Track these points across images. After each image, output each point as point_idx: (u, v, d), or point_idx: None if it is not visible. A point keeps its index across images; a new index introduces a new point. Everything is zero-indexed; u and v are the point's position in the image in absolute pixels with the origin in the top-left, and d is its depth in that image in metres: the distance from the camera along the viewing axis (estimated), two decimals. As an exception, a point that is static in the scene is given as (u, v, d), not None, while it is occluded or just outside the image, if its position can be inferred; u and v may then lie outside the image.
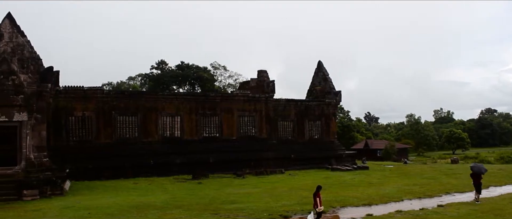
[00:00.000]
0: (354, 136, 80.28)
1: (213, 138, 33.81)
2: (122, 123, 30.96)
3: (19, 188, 20.87)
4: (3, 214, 16.94)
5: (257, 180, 28.62)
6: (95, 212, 16.81)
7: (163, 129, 32.22)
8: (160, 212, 16.79)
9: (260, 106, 35.88)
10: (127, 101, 31.35)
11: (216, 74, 74.76)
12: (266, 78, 36.94)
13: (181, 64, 69.67)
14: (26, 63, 23.62)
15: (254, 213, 16.43)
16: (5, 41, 23.59)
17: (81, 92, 29.94)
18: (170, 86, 67.03)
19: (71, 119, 29.54)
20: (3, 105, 22.19)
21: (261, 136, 35.86)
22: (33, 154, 22.76)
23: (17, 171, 22.04)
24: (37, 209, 17.97)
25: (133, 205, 18.38)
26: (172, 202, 19.28)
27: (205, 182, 27.07)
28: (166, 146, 31.79)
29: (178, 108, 32.75)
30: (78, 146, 29.46)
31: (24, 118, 22.56)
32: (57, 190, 21.93)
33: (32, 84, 23.26)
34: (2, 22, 23.88)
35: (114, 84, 77.41)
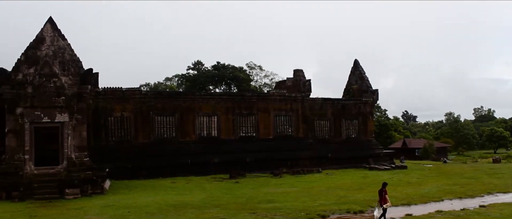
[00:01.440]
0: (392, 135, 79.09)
1: (250, 138, 33.89)
2: (160, 123, 31.36)
3: (62, 187, 21.39)
4: (46, 212, 17.40)
5: (294, 179, 28.53)
6: (135, 211, 17.08)
7: (200, 128, 32.48)
8: (198, 211, 16.93)
9: (296, 106, 35.77)
10: (164, 101, 31.74)
11: (252, 74, 74.86)
12: (302, 77, 36.79)
13: (217, 64, 70.03)
14: (67, 66, 24.23)
15: (291, 213, 16.37)
16: (47, 44, 24.28)
17: (119, 94, 30.49)
18: (206, 86, 67.45)
19: (110, 119, 30.11)
20: (45, 106, 22.81)
21: (298, 135, 35.74)
22: (74, 153, 23.29)
23: (60, 170, 22.60)
24: (79, 207, 18.37)
25: (171, 204, 18.59)
26: (210, 201, 19.42)
27: (242, 181, 27.16)
28: (203, 145, 32.03)
29: (214, 108, 32.97)
30: (117, 146, 29.99)
31: (65, 119, 23.10)
32: (98, 189, 22.37)
33: (73, 86, 23.81)
34: (44, 27, 24.57)
35: (151, 85, 78.43)
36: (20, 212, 17.52)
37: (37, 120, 22.71)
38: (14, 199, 20.43)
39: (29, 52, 24.07)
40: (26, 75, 23.43)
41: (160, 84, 78.88)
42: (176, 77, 77.50)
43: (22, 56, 24.03)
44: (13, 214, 17.22)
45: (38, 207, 18.64)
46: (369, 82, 41.58)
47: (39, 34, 24.51)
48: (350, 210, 17.07)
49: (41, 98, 22.72)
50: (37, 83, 22.85)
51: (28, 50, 24.16)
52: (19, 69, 23.70)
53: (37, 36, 24.48)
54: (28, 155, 22.40)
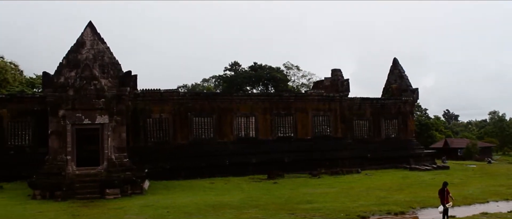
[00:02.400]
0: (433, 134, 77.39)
1: (288, 138, 33.75)
2: (198, 124, 31.56)
3: (102, 187, 21.78)
4: (88, 211, 17.73)
5: (332, 179, 28.24)
6: (174, 211, 17.20)
7: (238, 129, 32.55)
8: (237, 211, 16.92)
9: (334, 106, 35.42)
10: (202, 103, 31.94)
11: (289, 74, 74.64)
12: (340, 77, 36.41)
13: (254, 65, 70.10)
14: (107, 69, 24.70)
15: (330, 213, 16.17)
16: (87, 48, 24.85)
17: (158, 95, 30.86)
18: (243, 87, 67.61)
19: (149, 120, 30.50)
20: (86, 109, 23.30)
21: (336, 135, 35.39)
22: (114, 154, 23.68)
23: (100, 170, 23.01)
24: (119, 207, 18.64)
25: (210, 204, 18.65)
26: (248, 201, 19.39)
27: (281, 182, 27.03)
28: (241, 146, 32.08)
29: (252, 108, 32.97)
30: (156, 146, 30.35)
31: (105, 120, 23.52)
32: (137, 189, 22.68)
33: (112, 88, 24.25)
34: (84, 31, 25.14)
35: (189, 86, 79.18)
36: (63, 211, 17.92)
37: (78, 121, 23.21)
38: (57, 198, 20.94)
39: (70, 56, 24.67)
40: (67, 79, 24.01)
41: (197, 85, 79.57)
42: (213, 78, 78.02)
43: (64, 60, 24.66)
44: (57, 213, 17.64)
45: (80, 207, 19.04)
46: (409, 81, 40.81)
47: (79, 38, 25.10)
48: (390, 211, 16.73)
49: (82, 101, 23.21)
50: (78, 86, 23.34)
51: (69, 54, 24.76)
52: (61, 73, 24.31)
53: (78, 40, 25.06)
54: (70, 156, 22.92)
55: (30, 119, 28.85)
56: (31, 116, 28.82)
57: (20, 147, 28.70)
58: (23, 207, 19.29)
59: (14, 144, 28.70)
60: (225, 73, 72.97)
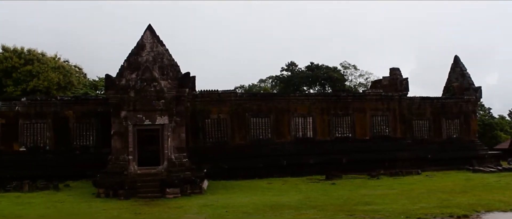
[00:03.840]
0: (497, 134, 74.24)
1: (346, 138, 33.34)
2: (255, 124, 31.72)
3: (162, 186, 22.27)
4: (149, 210, 18.19)
5: (392, 181, 27.66)
6: (232, 210, 17.34)
7: (296, 129, 32.46)
8: (295, 212, 16.86)
9: (393, 105, 34.70)
10: (259, 103, 32.08)
11: (346, 73, 73.73)
12: (399, 76, 35.62)
13: (310, 65, 69.69)
14: (166, 70, 25.25)
15: (390, 215, 15.80)
16: (147, 51, 25.49)
17: (216, 96, 31.25)
18: (300, 87, 67.37)
19: (207, 121, 30.93)
20: (147, 110, 23.93)
21: (395, 135, 34.64)
22: (174, 154, 24.17)
23: (160, 170, 23.55)
24: (179, 206, 18.99)
25: (268, 204, 18.68)
26: (306, 202, 19.28)
27: (339, 183, 26.74)
28: (299, 146, 31.98)
29: (309, 109, 32.80)
30: (214, 147, 30.74)
31: (165, 121, 24.05)
32: (196, 189, 23.03)
33: (172, 90, 24.77)
34: (144, 34, 25.81)
35: (246, 87, 79.64)
36: (126, 209, 18.46)
37: (140, 122, 23.87)
38: (120, 196, 21.59)
39: (131, 59, 25.38)
40: (128, 81, 24.70)
41: (254, 86, 79.93)
42: (270, 78, 78.13)
43: (125, 63, 25.40)
44: (119, 210, 18.19)
45: (141, 205, 19.56)
46: (471, 79, 39.39)
47: (139, 41, 25.78)
48: (453, 214, 16.10)
49: (142, 102, 23.85)
50: (138, 87, 23.99)
51: (130, 56, 25.49)
52: (122, 75, 25.04)
53: (138, 43, 25.75)
54: (132, 156, 23.60)
55: (94, 120, 29.89)
56: (95, 117, 29.85)
57: (84, 147, 29.79)
58: (88, 204, 20.04)
59: (79, 144, 29.82)
60: (282, 74, 72.95)
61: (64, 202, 20.91)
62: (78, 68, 58.10)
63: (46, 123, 29.62)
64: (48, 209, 19.08)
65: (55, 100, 30.36)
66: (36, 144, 29.44)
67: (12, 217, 17.27)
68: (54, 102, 30.10)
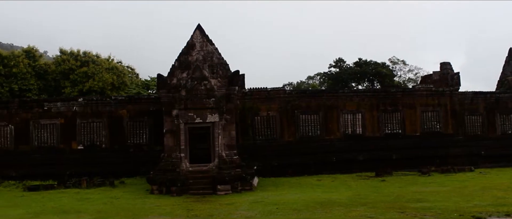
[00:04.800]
0: (557, 130, 71.26)
1: (395, 134, 32.91)
2: (304, 121, 31.79)
3: (214, 183, 22.69)
4: (201, 206, 18.59)
5: (443, 178, 27.11)
6: (283, 207, 17.49)
7: (345, 126, 32.32)
8: (345, 208, 16.85)
9: (444, 101, 33.97)
10: (308, 100, 32.12)
11: (395, 69, 72.38)
12: (450, 70, 34.83)
13: (359, 61, 68.83)
14: (215, 69, 25.69)
15: (443, 213, 15.52)
16: (197, 50, 26.00)
17: (265, 94, 31.51)
18: (348, 84, 66.72)
19: (256, 118, 31.24)
20: (197, 108, 24.40)
21: (447, 131, 33.90)
22: (224, 152, 24.56)
23: (211, 167, 23.99)
24: (230, 203, 19.32)
25: (318, 201, 18.74)
26: (356, 199, 19.23)
27: (389, 180, 26.47)
28: (348, 143, 31.84)
29: (358, 105, 32.59)
30: (264, 144, 31.01)
31: (215, 119, 24.47)
32: (247, 186, 23.35)
33: (221, 88, 25.18)
34: (194, 33, 26.32)
35: (294, 84, 79.54)
36: (178, 206, 18.94)
37: (191, 120, 24.38)
38: (173, 193, 22.16)
39: (182, 58, 25.96)
40: (179, 80, 25.29)
41: (302, 83, 79.70)
42: (318, 75, 77.69)
43: (176, 62, 26.01)
44: (173, 207, 18.69)
45: (193, 202, 20.01)
46: (528, 73, 38.08)
47: (189, 40, 26.33)
48: (509, 213, 15.57)
49: (193, 101, 24.34)
50: (189, 86, 24.49)
51: (181, 56, 26.07)
52: (174, 74, 25.67)
53: (188, 43, 26.30)
54: (184, 153, 24.15)
55: (147, 119, 30.74)
56: (148, 115, 30.69)
57: (138, 145, 30.69)
58: (143, 201, 20.68)
59: (133, 142, 30.75)
60: (330, 70, 72.39)
61: (120, 198, 21.69)
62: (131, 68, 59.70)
63: (102, 122, 30.74)
64: (105, 204, 19.84)
65: (110, 100, 31.45)
66: (93, 142, 30.62)
67: (73, 212, 18.07)
68: (109, 102, 31.18)
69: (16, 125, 30.72)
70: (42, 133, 30.63)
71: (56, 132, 30.59)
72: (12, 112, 30.89)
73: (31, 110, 30.87)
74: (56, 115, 30.74)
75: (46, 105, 30.85)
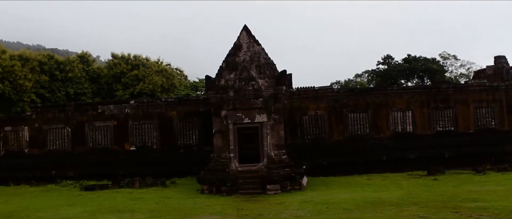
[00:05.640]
0: None
1: (447, 132, 32.06)
2: (353, 120, 31.47)
3: (263, 183, 22.81)
4: (251, 206, 18.73)
5: (500, 176, 26.17)
6: (332, 207, 17.39)
7: (394, 124, 31.77)
8: (396, 208, 16.59)
9: (499, 96, 32.79)
10: (356, 98, 31.78)
11: (446, 64, 70.58)
12: (505, 64, 33.68)
13: (408, 57, 67.55)
14: (262, 69, 25.82)
15: (500, 213, 14.92)
16: (244, 51, 26.21)
17: (312, 93, 31.40)
18: (397, 81, 65.56)
19: (304, 118, 31.16)
20: (245, 108, 24.59)
21: (503, 128, 32.72)
22: (273, 151, 24.64)
23: (261, 167, 24.12)
24: (279, 202, 19.37)
25: (368, 200, 18.53)
26: (408, 198, 18.88)
27: (441, 178, 25.82)
28: (398, 141, 31.27)
29: (408, 102, 31.94)
30: (312, 143, 30.88)
31: (264, 119, 24.58)
32: (296, 185, 23.35)
33: (269, 88, 25.27)
34: (240, 34, 26.55)
35: (341, 82, 78.87)
36: (228, 205, 19.15)
37: (239, 121, 24.60)
38: (223, 193, 22.43)
39: (229, 59, 26.24)
40: (227, 81, 25.57)
41: (350, 81, 78.92)
42: (365, 73, 76.80)
43: (223, 63, 26.31)
44: (223, 206, 18.92)
45: (243, 201, 20.19)
46: None
47: (236, 42, 26.59)
48: None
49: (241, 101, 24.54)
50: (237, 87, 24.71)
51: (228, 57, 26.36)
52: (221, 75, 25.97)
53: (235, 44, 26.56)
54: (233, 153, 24.39)
55: (196, 120, 31.21)
56: (197, 116, 31.15)
57: (188, 146, 31.20)
58: (193, 200, 21.02)
59: (183, 143, 31.29)
60: (378, 67, 71.39)
61: (171, 198, 22.14)
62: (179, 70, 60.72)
63: (153, 124, 31.45)
64: (157, 204, 20.29)
65: (160, 102, 32.16)
66: (144, 143, 31.37)
67: (127, 211, 18.57)
68: (159, 104, 31.87)
69: (72, 127, 31.97)
70: (96, 134, 31.68)
71: (109, 133, 31.58)
72: (68, 115, 32.13)
73: (86, 113, 32.00)
74: (109, 117, 31.74)
75: (100, 108, 31.90)
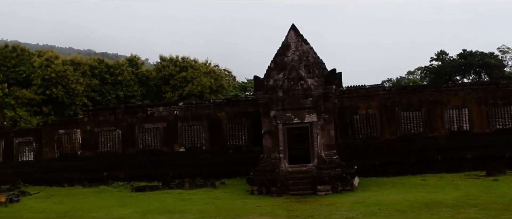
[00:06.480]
0: None
1: (508, 130, 30.44)
2: (406, 118, 30.54)
3: (313, 184, 22.46)
4: (301, 207, 18.47)
5: None
6: (385, 208, 16.92)
7: (450, 122, 30.59)
8: (453, 210, 15.92)
9: None
10: (409, 96, 30.83)
11: (505, 59, 67.85)
12: None
13: (463, 52, 65.37)
14: (311, 68, 25.50)
15: None
16: (292, 50, 25.98)
17: (363, 91, 30.73)
18: (452, 77, 63.57)
19: (355, 117, 30.51)
20: (295, 108, 24.34)
21: None
22: (323, 152, 24.24)
23: (311, 168, 23.77)
24: (330, 203, 19.01)
25: (422, 202, 17.91)
26: (465, 200, 18.07)
27: (502, 179, 24.54)
28: (454, 140, 30.06)
29: (464, 99, 30.68)
30: (363, 143, 30.18)
31: (313, 119, 24.23)
32: (347, 186, 22.87)
33: (318, 87, 24.88)
34: (288, 34, 26.34)
35: (393, 80, 77.32)
36: (278, 206, 18.97)
37: (288, 121, 24.36)
38: (273, 194, 22.24)
39: (277, 59, 26.05)
40: (276, 81, 25.38)
41: (402, 78, 77.27)
42: (418, 70, 75.02)
43: (272, 64, 26.14)
44: (272, 207, 18.76)
45: (293, 202, 19.95)
46: None
47: (284, 41, 26.36)
48: None
49: (290, 101, 24.30)
50: (286, 87, 24.48)
51: (276, 57, 26.17)
52: (270, 76, 25.79)
53: (283, 44, 26.34)
54: (283, 154, 24.15)
55: (245, 120, 31.11)
56: (246, 117, 31.05)
57: (237, 146, 31.15)
58: (243, 201, 20.93)
59: (232, 144, 31.27)
60: (431, 64, 69.50)
61: (221, 198, 22.14)
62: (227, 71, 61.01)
63: (202, 125, 31.58)
64: (207, 205, 20.31)
65: (209, 103, 32.30)
66: (194, 144, 31.56)
67: (177, 212, 18.69)
68: (208, 105, 32.01)
69: (122, 130, 32.56)
70: (146, 136, 32.12)
71: (159, 135, 31.96)
72: (119, 117, 32.76)
73: (135, 115, 32.53)
74: (159, 119, 32.12)
75: (149, 110, 32.34)
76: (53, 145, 33.44)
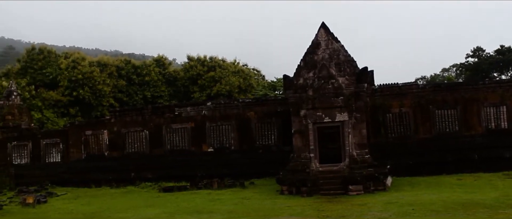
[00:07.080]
0: None
1: (548, 128, 29.32)
2: (440, 116, 29.70)
3: (345, 183, 22.01)
4: (332, 207, 18.08)
5: None
6: (419, 208, 16.42)
7: (487, 120, 29.58)
8: (491, 211, 15.29)
9: None
10: (444, 94, 29.98)
11: (546, 53, 65.77)
12: None
13: (500, 48, 63.61)
14: (342, 67, 25.01)
15: None
16: (322, 48, 25.55)
17: (396, 89, 30.05)
18: (489, 74, 61.95)
19: (388, 115, 29.84)
20: (325, 107, 23.94)
21: None
22: (355, 151, 23.75)
23: (342, 167, 23.31)
24: (362, 203, 18.55)
25: (458, 202, 17.30)
26: (504, 200, 17.36)
27: (543, 179, 23.64)
28: (491, 139, 29.04)
29: (502, 97, 29.62)
30: (396, 142, 29.49)
31: (345, 118, 23.78)
32: (380, 186, 22.33)
33: (349, 86, 24.41)
34: (318, 32, 25.91)
35: (427, 77, 75.96)
36: (309, 206, 18.63)
37: (319, 120, 23.97)
38: (303, 194, 21.88)
39: (307, 58, 25.63)
40: (306, 79, 24.98)
41: (436, 76, 75.84)
42: (453, 67, 73.49)
43: (301, 62, 25.75)
44: (303, 207, 18.42)
45: (324, 202, 19.56)
46: None
47: (314, 39, 25.94)
48: None
49: (321, 100, 23.90)
50: (316, 86, 24.10)
51: (306, 55, 25.76)
52: (300, 74, 25.41)
53: (313, 42, 25.92)
54: (313, 153, 23.75)
55: (274, 120, 30.77)
56: (275, 116, 30.70)
57: (266, 146, 30.83)
58: (273, 201, 20.63)
59: (261, 143, 30.97)
60: (467, 61, 67.92)
61: (250, 198, 21.87)
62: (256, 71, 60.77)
63: (230, 125, 31.38)
64: (236, 205, 20.08)
65: (237, 102, 32.11)
66: (222, 144, 31.38)
67: (205, 212, 18.52)
68: (236, 104, 31.80)
69: (150, 130, 32.62)
70: (174, 136, 32.12)
71: (187, 135, 31.89)
72: (146, 118, 32.85)
73: (163, 115, 32.56)
74: (187, 119, 32.06)
75: (177, 111, 32.34)
76: (80, 146, 33.75)
